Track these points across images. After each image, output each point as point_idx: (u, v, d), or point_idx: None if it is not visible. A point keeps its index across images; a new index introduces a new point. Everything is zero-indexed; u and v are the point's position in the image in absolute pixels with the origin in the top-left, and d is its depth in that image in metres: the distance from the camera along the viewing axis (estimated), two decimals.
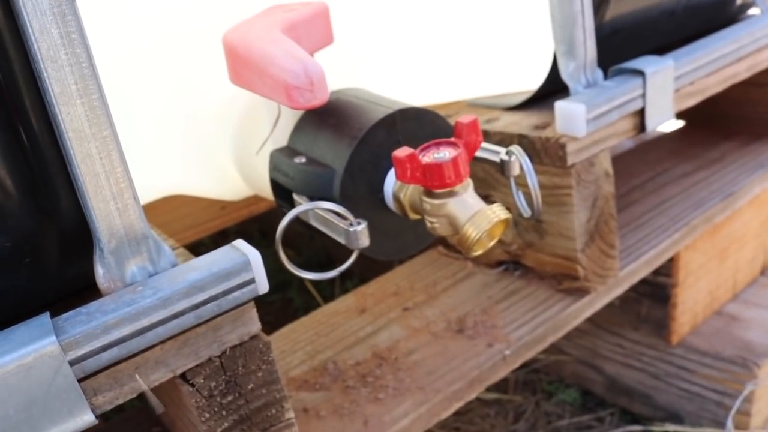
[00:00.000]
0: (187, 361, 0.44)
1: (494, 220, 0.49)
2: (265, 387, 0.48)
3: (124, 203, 0.42)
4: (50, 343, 0.38)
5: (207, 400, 0.46)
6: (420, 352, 0.66)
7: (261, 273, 0.44)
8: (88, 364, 0.40)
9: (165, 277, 0.43)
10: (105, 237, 0.42)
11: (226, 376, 0.46)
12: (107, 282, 0.43)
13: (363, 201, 0.54)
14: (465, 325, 0.68)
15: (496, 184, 0.71)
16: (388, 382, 0.62)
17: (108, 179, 0.41)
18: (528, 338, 0.65)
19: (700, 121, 1.10)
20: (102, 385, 0.42)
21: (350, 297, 0.77)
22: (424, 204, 0.51)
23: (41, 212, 0.42)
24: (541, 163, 0.66)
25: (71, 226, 0.44)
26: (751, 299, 0.96)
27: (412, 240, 0.59)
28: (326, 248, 1.36)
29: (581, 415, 0.99)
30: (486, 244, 0.51)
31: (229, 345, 0.46)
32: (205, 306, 0.43)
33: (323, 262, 1.35)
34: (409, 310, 0.72)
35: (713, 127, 1.07)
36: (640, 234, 0.79)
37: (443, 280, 0.77)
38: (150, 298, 0.41)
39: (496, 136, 0.69)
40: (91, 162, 0.40)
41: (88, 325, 0.40)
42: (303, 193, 0.54)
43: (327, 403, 0.61)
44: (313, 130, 0.56)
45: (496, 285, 0.74)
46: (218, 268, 0.43)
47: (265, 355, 0.47)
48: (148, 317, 0.41)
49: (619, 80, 0.68)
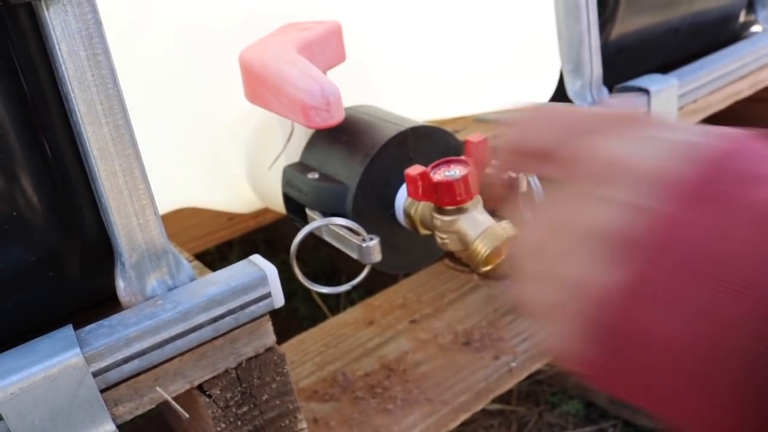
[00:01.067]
0: (204, 373, 0.46)
1: (503, 236, 0.51)
2: (279, 398, 0.49)
3: (146, 219, 0.43)
4: (75, 355, 0.39)
5: (223, 410, 0.47)
6: (428, 364, 0.67)
7: (277, 287, 0.45)
8: (110, 375, 0.41)
9: (184, 291, 0.44)
10: (126, 252, 0.43)
11: (241, 388, 0.47)
12: (128, 296, 0.44)
13: (374, 216, 0.55)
14: (472, 337, 0.69)
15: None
16: (397, 394, 0.63)
17: (131, 196, 0.42)
18: (534, 351, 0.66)
19: None
20: (123, 396, 0.43)
21: (358, 309, 0.78)
22: (435, 220, 0.52)
23: (65, 227, 0.43)
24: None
25: (93, 240, 0.45)
26: None
27: (421, 254, 0.60)
28: (331, 259, 1.37)
29: (584, 426, 1.00)
30: (495, 260, 0.52)
31: (245, 357, 0.47)
32: (223, 319, 0.44)
33: (329, 272, 1.36)
34: (416, 323, 0.74)
35: None
36: None
37: (450, 292, 0.78)
38: (170, 311, 0.42)
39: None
40: (115, 179, 0.41)
41: (110, 337, 0.41)
42: (316, 208, 0.56)
43: (337, 414, 0.62)
44: (326, 147, 0.57)
45: (501, 298, 0.75)
46: (236, 282, 0.44)
47: (279, 367, 0.48)
48: (168, 330, 0.42)
49: (624, 99, 0.69)
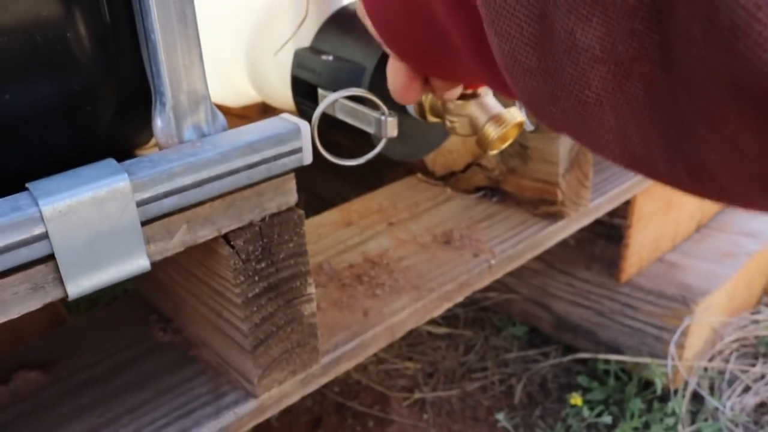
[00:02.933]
0: (231, 222, 0.47)
1: (512, 121, 0.54)
2: (294, 258, 0.51)
3: (191, 61, 0.44)
4: (122, 180, 0.40)
5: (244, 263, 0.48)
6: (410, 259, 0.70)
7: (308, 143, 0.47)
8: (150, 208, 0.42)
9: (222, 137, 0.45)
10: (169, 91, 0.44)
11: (262, 242, 0.49)
12: (165, 137, 0.45)
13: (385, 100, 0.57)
14: (451, 237, 0.72)
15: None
16: (384, 281, 0.66)
17: (180, 35, 0.43)
18: (510, 252, 0.70)
19: None
20: (156, 234, 0.44)
21: (335, 212, 0.80)
22: (448, 104, 0.55)
23: (108, 62, 0.43)
24: None
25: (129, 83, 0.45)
26: (688, 251, 1.04)
27: (421, 144, 0.63)
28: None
29: (528, 350, 1.06)
30: (501, 144, 0.55)
31: (269, 212, 0.48)
32: (257, 167, 0.45)
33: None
34: (394, 225, 0.76)
35: None
36: (605, 175, 0.86)
37: (425, 201, 0.81)
38: (211, 152, 0.43)
39: None
40: (168, 15, 0.42)
41: (154, 169, 0.42)
42: (329, 88, 0.57)
43: (326, 298, 0.64)
44: (341, 33, 0.59)
45: (475, 208, 0.79)
46: (272, 133, 0.46)
47: (298, 227, 0.50)
48: (207, 170, 0.43)
49: None
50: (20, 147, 0.42)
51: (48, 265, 0.40)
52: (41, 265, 0.40)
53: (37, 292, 0.40)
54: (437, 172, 0.85)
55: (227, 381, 0.55)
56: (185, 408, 0.53)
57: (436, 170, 0.85)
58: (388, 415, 0.95)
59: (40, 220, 0.38)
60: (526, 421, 0.95)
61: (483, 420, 0.95)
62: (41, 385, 0.57)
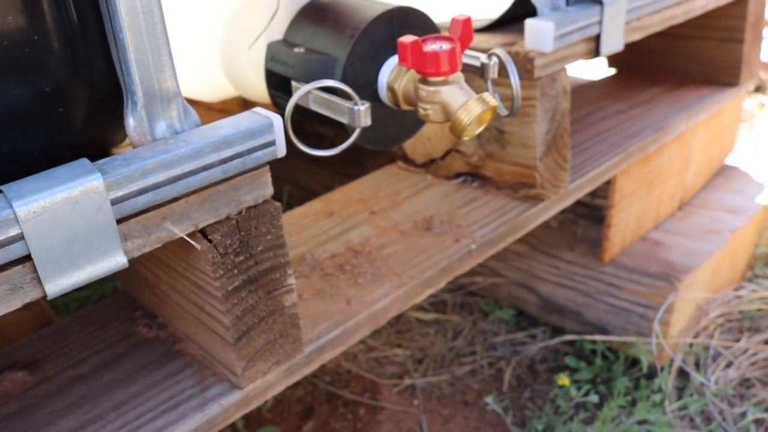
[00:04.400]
0: (207, 217, 0.47)
1: (484, 107, 0.54)
2: (272, 251, 0.52)
3: (161, 59, 0.44)
4: (95, 179, 0.41)
5: (222, 257, 0.49)
6: (392, 247, 0.70)
7: (281, 136, 0.48)
8: (125, 206, 0.43)
9: (195, 133, 0.46)
10: (140, 90, 0.44)
11: (240, 236, 0.49)
12: (138, 135, 0.45)
13: (358, 90, 0.58)
14: (432, 224, 0.73)
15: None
16: (366, 270, 0.66)
17: (148, 34, 0.43)
18: (491, 236, 0.71)
19: (630, 70, 1.18)
20: (133, 231, 0.44)
21: (317, 203, 0.81)
22: (420, 91, 0.55)
23: (78, 63, 0.44)
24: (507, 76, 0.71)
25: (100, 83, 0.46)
26: (671, 229, 1.05)
27: (397, 132, 0.63)
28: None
29: (515, 333, 1.07)
30: (475, 130, 0.56)
31: (245, 206, 0.49)
32: (231, 162, 0.46)
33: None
34: (375, 214, 0.77)
35: (641, 75, 1.16)
36: (584, 156, 0.86)
37: (405, 189, 0.82)
38: (183, 149, 0.44)
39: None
40: (135, 14, 0.42)
41: (127, 168, 0.42)
42: (302, 80, 0.58)
43: (308, 288, 0.65)
44: (313, 24, 0.59)
45: (456, 194, 0.79)
46: (245, 127, 0.46)
47: (275, 219, 0.51)
48: (181, 166, 0.44)
49: (580, 6, 0.74)
50: None
51: (25, 266, 0.40)
52: (18, 266, 0.40)
53: (15, 293, 0.41)
54: (417, 159, 0.85)
55: (212, 374, 0.56)
56: (171, 402, 0.54)
57: (417, 158, 0.85)
58: (378, 402, 0.96)
59: (15, 221, 0.39)
60: (516, 403, 0.96)
61: (473, 404, 0.96)
62: (28, 385, 0.58)
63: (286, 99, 0.60)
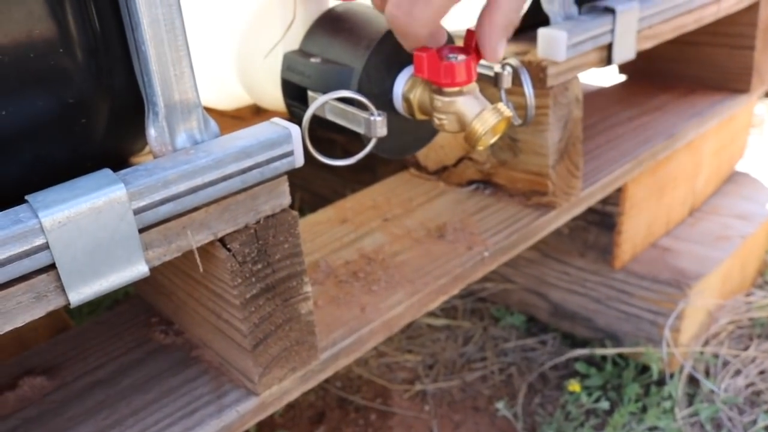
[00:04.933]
0: (226, 226, 0.48)
1: (499, 117, 0.55)
2: (290, 259, 0.52)
3: (182, 71, 0.45)
4: (119, 189, 0.41)
5: (240, 266, 0.50)
6: (405, 254, 0.71)
7: (299, 146, 0.48)
8: (147, 216, 0.43)
9: (215, 144, 0.46)
10: (161, 101, 0.45)
11: (258, 245, 0.50)
12: (159, 145, 0.46)
13: (374, 100, 0.58)
14: (445, 231, 0.73)
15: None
16: (380, 277, 0.67)
17: (170, 45, 0.44)
18: (504, 243, 0.71)
19: (640, 76, 1.19)
20: (153, 240, 0.45)
21: (330, 210, 0.81)
22: (435, 101, 0.56)
23: (100, 75, 0.44)
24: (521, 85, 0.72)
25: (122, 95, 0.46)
26: (681, 235, 1.05)
27: (411, 141, 0.64)
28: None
29: (526, 339, 1.07)
30: (489, 140, 0.56)
31: (263, 215, 0.50)
32: (250, 172, 0.47)
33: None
34: (389, 221, 0.77)
35: (652, 82, 1.16)
36: (595, 164, 0.87)
37: (418, 197, 0.82)
38: (204, 159, 0.45)
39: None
40: (157, 27, 0.43)
41: (149, 178, 0.43)
42: (319, 90, 0.58)
43: (323, 295, 0.66)
44: (328, 35, 0.60)
45: (468, 201, 0.80)
46: (264, 137, 0.47)
47: (292, 228, 0.51)
48: (202, 176, 0.45)
49: (592, 15, 0.74)
50: (18, 160, 0.43)
51: (50, 275, 0.41)
52: (43, 274, 0.41)
53: (40, 301, 0.41)
54: (430, 167, 0.86)
55: (229, 380, 0.57)
56: (188, 408, 0.55)
57: (429, 165, 0.86)
58: (389, 407, 0.96)
59: (41, 231, 0.39)
60: (526, 409, 0.96)
61: (483, 409, 0.96)
62: (47, 390, 0.58)
63: (303, 108, 0.61)
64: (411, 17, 0.49)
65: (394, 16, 0.50)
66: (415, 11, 0.49)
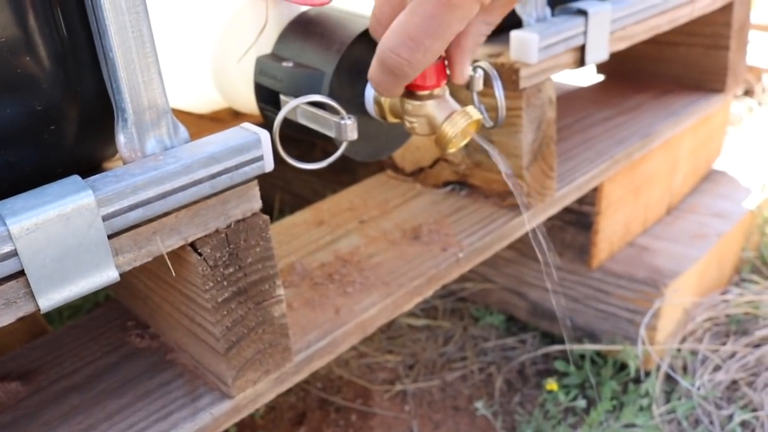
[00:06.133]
0: (197, 231, 0.48)
1: (469, 119, 0.56)
2: (261, 262, 0.53)
3: (150, 77, 0.45)
4: (87, 196, 0.42)
5: (212, 269, 0.50)
6: (380, 256, 0.71)
7: (269, 151, 0.49)
8: (116, 222, 0.44)
9: (184, 149, 0.47)
10: (130, 107, 0.45)
11: (229, 249, 0.50)
12: (129, 151, 0.46)
13: (345, 104, 0.59)
14: (420, 233, 0.74)
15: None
16: (354, 279, 0.67)
17: (138, 52, 0.44)
18: (478, 245, 0.72)
19: (618, 76, 1.20)
20: (123, 246, 0.45)
21: (307, 212, 0.82)
22: (406, 105, 0.56)
23: (68, 82, 0.45)
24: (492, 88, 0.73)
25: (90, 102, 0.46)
26: (659, 234, 1.06)
27: (384, 144, 0.64)
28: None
29: (506, 338, 1.08)
30: (459, 142, 0.57)
31: (234, 219, 0.50)
32: (220, 177, 0.47)
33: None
34: (365, 223, 0.78)
35: (629, 82, 1.17)
36: (571, 164, 0.88)
37: (394, 198, 0.83)
38: (173, 165, 0.45)
39: None
40: (125, 34, 0.43)
41: (118, 184, 0.43)
42: (291, 94, 0.59)
43: (298, 297, 0.66)
44: (300, 38, 0.61)
45: (444, 202, 0.81)
46: (234, 143, 0.47)
47: (263, 232, 0.52)
48: (171, 182, 0.45)
49: (565, 17, 0.75)
50: None
51: (19, 281, 0.41)
52: (12, 281, 0.41)
53: (9, 307, 0.42)
54: (406, 168, 0.86)
55: (203, 383, 0.57)
56: (163, 411, 0.55)
57: (406, 167, 0.86)
58: (370, 408, 0.97)
59: (9, 238, 0.39)
60: (505, 408, 0.97)
61: (463, 409, 0.97)
62: (22, 395, 0.58)
63: (275, 112, 0.61)
64: (409, 65, 0.49)
65: (391, 59, 0.49)
66: (414, 59, 0.49)
